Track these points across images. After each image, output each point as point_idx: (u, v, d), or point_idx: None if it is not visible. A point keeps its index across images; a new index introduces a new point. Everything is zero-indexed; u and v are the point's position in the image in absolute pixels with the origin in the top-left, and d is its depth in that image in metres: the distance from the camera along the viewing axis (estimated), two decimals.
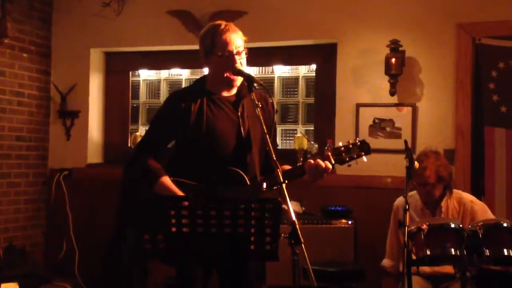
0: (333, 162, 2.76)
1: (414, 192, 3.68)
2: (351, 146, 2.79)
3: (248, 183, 2.73)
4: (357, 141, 2.81)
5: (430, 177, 3.52)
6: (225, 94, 2.87)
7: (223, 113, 2.83)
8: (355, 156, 2.78)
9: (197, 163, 2.78)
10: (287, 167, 2.80)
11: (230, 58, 2.77)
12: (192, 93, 2.87)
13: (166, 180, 2.73)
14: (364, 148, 2.79)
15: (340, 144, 2.81)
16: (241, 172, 2.73)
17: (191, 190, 2.71)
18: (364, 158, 2.80)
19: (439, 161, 3.58)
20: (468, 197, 3.70)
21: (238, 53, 2.79)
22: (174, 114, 2.82)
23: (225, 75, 2.81)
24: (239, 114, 2.83)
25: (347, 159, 2.78)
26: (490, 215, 3.61)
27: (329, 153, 2.77)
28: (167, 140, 2.89)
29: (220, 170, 2.74)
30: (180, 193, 2.69)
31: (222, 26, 2.81)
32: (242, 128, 2.82)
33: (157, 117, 2.96)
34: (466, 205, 3.62)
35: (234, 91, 2.89)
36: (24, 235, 5.24)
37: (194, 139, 2.79)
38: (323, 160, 2.72)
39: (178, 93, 3.04)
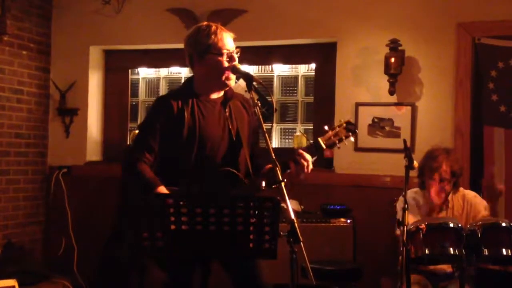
0: (324, 146, 2.83)
1: (417, 189, 3.69)
2: (337, 129, 2.87)
3: (245, 181, 2.75)
4: (342, 122, 2.90)
5: (447, 172, 3.55)
6: (213, 96, 2.88)
7: (213, 115, 2.84)
8: (344, 137, 2.88)
9: (189, 167, 2.78)
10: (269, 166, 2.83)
11: (228, 56, 2.79)
12: (181, 96, 2.85)
13: (163, 190, 2.71)
14: (350, 129, 2.88)
15: (326, 128, 2.89)
16: (236, 172, 2.75)
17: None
18: (351, 138, 2.90)
19: (452, 157, 3.62)
20: (470, 193, 3.73)
21: (233, 52, 2.82)
22: (164, 117, 2.80)
23: (224, 74, 2.81)
24: (227, 114, 2.85)
25: (336, 141, 2.87)
26: (488, 214, 3.63)
27: (319, 139, 2.84)
28: (157, 145, 2.83)
29: (214, 172, 2.75)
30: None
31: (214, 27, 2.83)
32: (232, 129, 2.84)
33: (146, 122, 2.94)
34: (469, 202, 3.65)
35: (221, 93, 2.91)
36: (23, 232, 5.24)
37: (186, 143, 2.78)
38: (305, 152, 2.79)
39: (166, 97, 2.98)
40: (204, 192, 2.69)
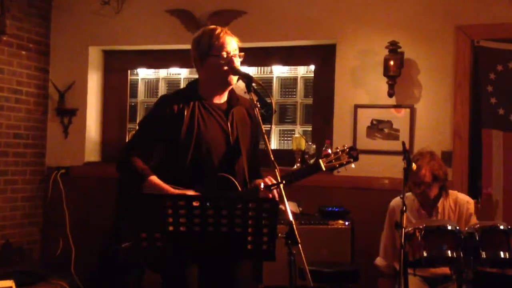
0: (324, 169, 2.88)
1: (410, 193, 3.68)
2: (340, 153, 2.92)
3: (239, 188, 2.75)
4: (345, 147, 2.93)
5: (426, 176, 3.53)
6: (216, 101, 2.88)
7: (214, 120, 2.83)
8: (345, 162, 2.93)
9: (185, 169, 2.77)
10: (260, 181, 2.81)
11: (228, 58, 2.78)
12: (184, 97, 2.86)
13: (155, 178, 2.72)
14: (352, 155, 2.93)
15: (329, 151, 2.94)
16: (232, 178, 2.75)
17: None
18: (352, 165, 2.95)
19: (434, 161, 3.60)
20: (464, 197, 3.72)
21: (234, 55, 2.81)
22: (164, 118, 2.79)
23: (223, 75, 2.80)
24: (229, 122, 2.84)
25: (337, 165, 2.92)
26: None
27: (320, 160, 2.89)
28: (155, 144, 2.84)
29: (210, 176, 2.74)
30: (171, 189, 2.69)
31: (219, 30, 2.83)
32: (231, 136, 2.83)
33: (146, 120, 2.94)
34: (462, 206, 3.64)
35: (224, 98, 2.90)
36: (21, 233, 5.24)
37: (183, 145, 2.77)
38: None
39: (168, 97, 2.98)
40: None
